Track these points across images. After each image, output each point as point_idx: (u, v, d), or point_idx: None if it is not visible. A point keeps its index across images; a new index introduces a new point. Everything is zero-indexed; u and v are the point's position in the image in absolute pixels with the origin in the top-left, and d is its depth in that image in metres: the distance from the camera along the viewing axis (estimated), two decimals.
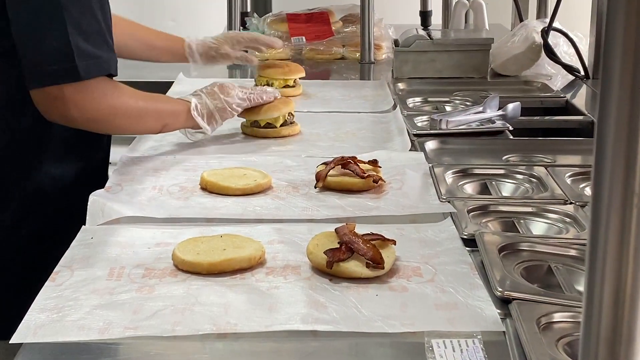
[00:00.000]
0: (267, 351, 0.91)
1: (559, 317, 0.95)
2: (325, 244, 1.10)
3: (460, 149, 1.69)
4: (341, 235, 1.12)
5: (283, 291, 1.03)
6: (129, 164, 1.53)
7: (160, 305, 0.99)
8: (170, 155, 1.60)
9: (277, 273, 1.09)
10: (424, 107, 2.05)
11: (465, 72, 2.33)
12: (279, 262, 1.12)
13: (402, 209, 1.33)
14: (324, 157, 1.52)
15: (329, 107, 2.03)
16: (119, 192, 1.37)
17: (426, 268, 1.09)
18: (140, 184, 1.43)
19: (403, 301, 1.00)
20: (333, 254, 1.07)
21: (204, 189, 1.41)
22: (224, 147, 1.67)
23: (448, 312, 0.97)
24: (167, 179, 1.46)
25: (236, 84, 1.69)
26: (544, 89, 2.21)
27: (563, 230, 1.26)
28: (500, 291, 1.00)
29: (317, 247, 1.10)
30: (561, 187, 1.40)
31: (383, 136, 1.77)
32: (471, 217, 1.27)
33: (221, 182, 1.39)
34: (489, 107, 1.85)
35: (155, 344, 0.92)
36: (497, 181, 1.48)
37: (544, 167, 1.51)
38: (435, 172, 1.48)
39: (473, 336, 0.92)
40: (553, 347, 0.88)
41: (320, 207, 1.34)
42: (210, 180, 1.40)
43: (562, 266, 1.10)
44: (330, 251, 1.08)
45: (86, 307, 0.99)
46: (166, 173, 1.49)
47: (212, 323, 0.95)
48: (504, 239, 1.15)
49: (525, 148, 1.67)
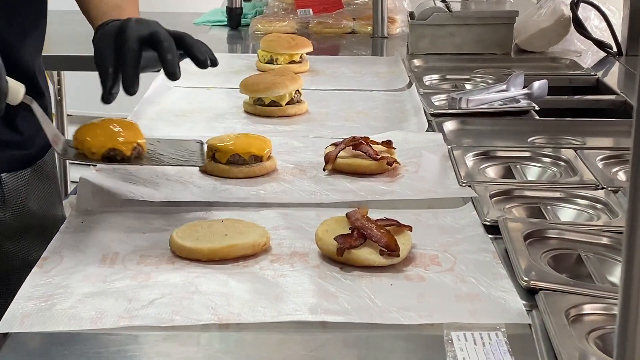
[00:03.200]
0: (272, 343, 0.92)
1: (589, 309, 0.95)
2: (336, 230, 1.10)
3: (482, 130, 1.68)
4: (353, 221, 1.12)
5: (290, 280, 1.03)
6: None
7: (157, 293, 1.00)
8: (167, 135, 1.60)
9: (284, 260, 1.09)
10: (442, 85, 2.05)
11: (487, 47, 2.32)
12: (285, 249, 1.12)
13: (418, 193, 1.33)
14: (334, 138, 1.52)
15: (339, 85, 2.02)
16: (111, 174, 1.37)
17: (445, 256, 1.09)
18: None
19: (420, 291, 1.01)
20: (344, 240, 1.07)
21: (203, 171, 1.41)
22: (224, 127, 1.67)
23: (469, 303, 0.98)
24: None
25: (238, 59, 1.65)
26: (572, 66, 2.20)
27: (594, 217, 1.26)
28: (525, 281, 1.00)
29: (326, 233, 1.10)
30: (592, 171, 1.40)
31: (398, 116, 1.77)
32: (494, 202, 1.27)
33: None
34: (513, 86, 1.84)
35: (152, 335, 0.92)
36: (521, 164, 1.48)
37: (572, 149, 1.51)
38: (454, 155, 1.48)
39: (496, 329, 0.92)
40: (583, 341, 0.89)
41: (330, 191, 1.34)
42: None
43: (593, 255, 1.10)
44: (340, 237, 1.08)
45: (77, 295, 0.99)
46: None
47: (213, 313, 0.95)
48: (529, 226, 1.16)
49: (552, 129, 1.67)
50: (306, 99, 1.81)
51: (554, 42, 2.35)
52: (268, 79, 1.78)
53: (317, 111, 1.80)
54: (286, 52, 2.11)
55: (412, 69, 2.16)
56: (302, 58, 2.14)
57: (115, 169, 1.39)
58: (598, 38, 2.30)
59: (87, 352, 0.89)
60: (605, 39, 2.31)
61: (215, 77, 2.06)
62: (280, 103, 1.75)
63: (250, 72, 2.03)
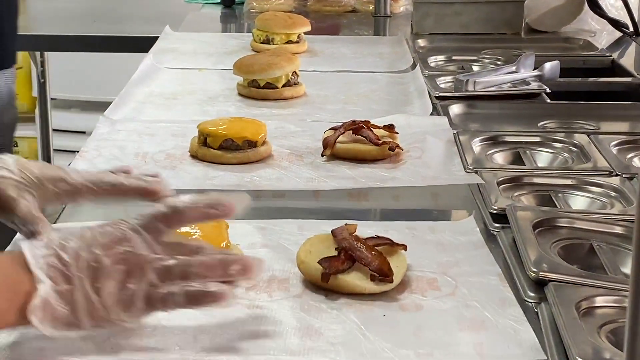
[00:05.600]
0: None
1: (602, 302, 0.96)
2: (320, 251, 1.02)
3: (490, 113, 1.69)
4: (339, 240, 1.03)
5: (267, 313, 0.96)
6: (108, 127, 1.54)
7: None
8: (155, 120, 1.60)
9: (260, 288, 1.00)
10: (447, 67, 2.05)
11: (496, 27, 2.32)
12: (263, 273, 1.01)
13: (422, 180, 1.34)
14: (333, 122, 1.52)
15: (339, 66, 2.03)
16: (95, 158, 1.38)
17: (444, 280, 1.03)
18: (121, 150, 1.44)
19: (418, 323, 0.94)
20: (330, 263, 0.99)
21: (194, 157, 1.41)
22: (217, 110, 1.67)
23: (474, 334, 0.92)
24: (152, 145, 1.46)
25: (231, 39, 1.63)
26: (586, 47, 2.20)
27: (607, 205, 1.26)
28: (534, 272, 1.01)
29: (309, 255, 1.02)
30: (605, 157, 1.40)
31: (401, 99, 1.77)
32: (502, 190, 1.27)
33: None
34: (523, 67, 1.84)
35: None
36: (531, 150, 1.48)
37: (585, 134, 1.51)
38: (460, 140, 1.48)
39: None
40: (595, 335, 0.89)
41: (328, 178, 1.34)
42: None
43: (606, 245, 1.11)
44: (326, 260, 1.00)
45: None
46: (151, 138, 1.50)
47: (178, 352, 0.88)
48: (539, 214, 1.16)
49: (564, 113, 1.67)
50: (304, 80, 1.81)
51: (567, 21, 2.35)
52: (263, 60, 1.78)
53: (315, 94, 1.80)
54: (283, 32, 2.11)
55: (416, 50, 2.16)
56: (299, 38, 2.14)
57: (101, 154, 1.38)
58: (613, 17, 2.30)
59: None
60: (621, 18, 2.30)
61: (208, 57, 2.07)
62: (276, 85, 1.75)
63: (244, 52, 2.03)
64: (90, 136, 1.50)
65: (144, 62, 1.95)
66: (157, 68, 1.94)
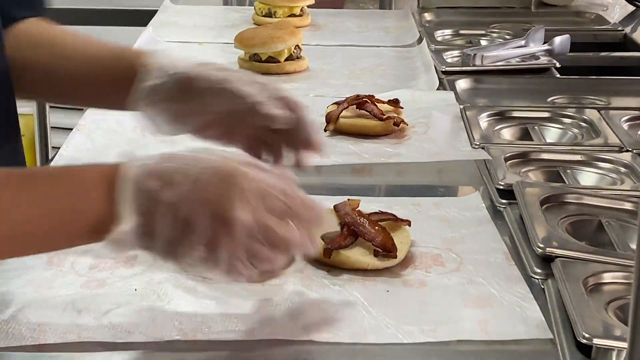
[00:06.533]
0: (247, 358, 0.86)
1: (609, 278, 0.96)
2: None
3: (498, 88, 1.69)
4: (342, 215, 1.04)
5: (269, 288, 0.96)
6: None
7: (113, 303, 0.93)
8: None
9: None
10: (455, 41, 2.05)
11: (505, 0, 2.31)
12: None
13: (427, 155, 1.34)
14: (336, 97, 1.52)
15: (343, 40, 2.02)
16: (93, 132, 1.38)
17: (449, 256, 1.03)
18: (119, 124, 1.44)
19: (421, 299, 0.94)
20: (332, 239, 1.00)
21: None
22: None
23: (479, 310, 0.92)
24: None
25: (232, 12, 1.62)
26: (598, 21, 2.20)
27: (617, 182, 1.26)
28: (541, 248, 1.01)
29: None
30: (616, 132, 1.40)
31: (406, 73, 1.77)
32: (509, 165, 1.27)
33: None
34: (533, 41, 1.84)
35: (105, 354, 0.86)
36: (540, 126, 1.48)
37: (596, 110, 1.51)
38: (467, 115, 1.48)
39: None
40: (602, 311, 0.89)
41: (331, 153, 1.34)
42: None
43: (615, 221, 1.11)
44: (328, 236, 1.00)
45: (17, 305, 0.92)
46: None
47: (178, 327, 0.89)
48: (547, 190, 1.16)
49: (574, 88, 1.67)
50: (307, 55, 1.80)
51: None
52: (265, 33, 1.78)
53: (319, 68, 1.80)
54: (285, 4, 2.11)
55: (422, 24, 2.16)
56: (302, 11, 2.14)
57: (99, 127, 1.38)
58: None
59: None
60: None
61: (208, 31, 2.06)
62: (279, 59, 1.75)
63: (246, 25, 2.03)
64: (88, 109, 1.50)
65: (143, 35, 1.94)
66: (157, 42, 1.94)
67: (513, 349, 0.87)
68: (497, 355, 0.87)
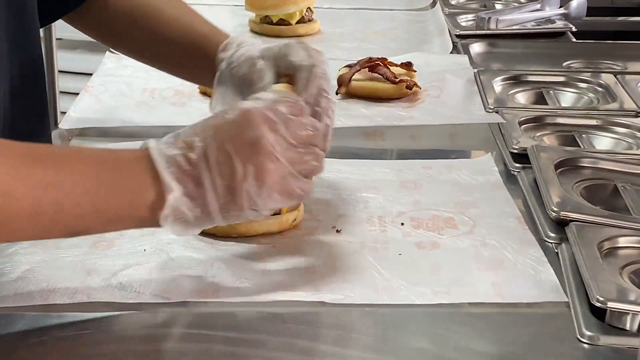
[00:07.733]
0: (263, 318, 0.86)
1: (624, 242, 0.95)
2: None
3: (512, 52, 1.68)
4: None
5: (279, 249, 0.96)
6: (115, 62, 1.53)
7: (122, 264, 0.93)
8: None
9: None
10: (469, 5, 2.04)
11: None
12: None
13: (440, 119, 1.33)
14: (348, 60, 1.51)
15: (355, 3, 2.01)
16: (101, 94, 1.38)
17: (462, 219, 1.03)
18: (128, 85, 1.43)
19: (434, 261, 0.94)
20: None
21: (203, 94, 1.41)
22: None
23: (493, 273, 0.92)
24: (160, 81, 1.46)
25: None
26: None
27: (633, 146, 1.25)
28: (555, 212, 1.00)
29: None
30: (632, 97, 1.39)
31: (419, 37, 1.77)
32: (523, 129, 1.27)
33: None
34: (548, 5, 1.84)
35: (113, 315, 0.86)
36: (555, 90, 1.48)
37: (612, 74, 1.50)
38: (481, 79, 1.47)
39: None
40: (617, 275, 0.89)
41: (343, 116, 1.33)
42: None
43: (631, 186, 1.10)
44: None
45: (25, 265, 0.92)
46: (159, 74, 1.48)
47: (188, 288, 0.89)
48: (562, 154, 1.15)
49: (590, 53, 1.67)
50: (319, 17, 1.80)
51: None
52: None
53: (331, 31, 1.79)
54: None
55: None
56: None
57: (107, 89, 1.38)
58: None
59: (29, 336, 0.83)
60: None
61: None
62: (290, 22, 1.74)
63: None
64: (96, 71, 1.50)
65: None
66: None
67: (527, 312, 0.87)
68: (511, 318, 0.86)
